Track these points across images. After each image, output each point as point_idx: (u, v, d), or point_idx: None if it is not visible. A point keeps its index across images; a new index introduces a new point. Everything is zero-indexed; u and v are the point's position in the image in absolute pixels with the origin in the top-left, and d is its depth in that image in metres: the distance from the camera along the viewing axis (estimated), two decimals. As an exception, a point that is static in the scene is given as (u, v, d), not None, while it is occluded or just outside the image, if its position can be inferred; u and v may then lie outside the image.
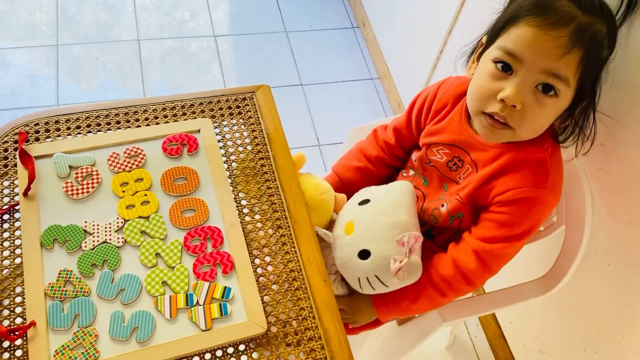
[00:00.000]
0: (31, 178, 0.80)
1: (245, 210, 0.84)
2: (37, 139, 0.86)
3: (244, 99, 0.96)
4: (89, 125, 0.89)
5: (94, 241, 0.77)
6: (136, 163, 0.85)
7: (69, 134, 0.88)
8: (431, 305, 0.91)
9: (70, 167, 0.83)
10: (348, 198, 0.96)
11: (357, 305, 0.93)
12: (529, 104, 0.75)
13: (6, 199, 0.81)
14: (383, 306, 0.91)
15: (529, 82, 0.74)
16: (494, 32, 0.80)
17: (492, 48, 0.79)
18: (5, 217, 0.79)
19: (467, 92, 0.85)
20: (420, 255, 0.84)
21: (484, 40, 0.84)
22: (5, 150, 0.85)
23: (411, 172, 0.98)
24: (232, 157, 0.89)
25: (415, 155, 0.97)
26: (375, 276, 0.85)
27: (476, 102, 0.81)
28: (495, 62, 0.77)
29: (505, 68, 0.76)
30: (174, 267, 0.77)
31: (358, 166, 1.03)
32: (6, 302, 0.72)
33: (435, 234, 0.96)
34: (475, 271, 0.85)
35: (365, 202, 0.90)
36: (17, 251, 0.76)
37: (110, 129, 0.89)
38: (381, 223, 0.86)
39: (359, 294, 0.92)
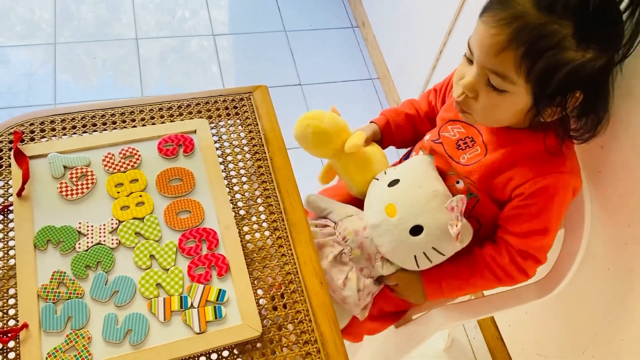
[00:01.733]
0: (25, 178, 0.79)
1: (242, 212, 0.83)
2: (32, 139, 0.86)
3: (241, 99, 0.95)
4: (84, 125, 0.88)
5: (88, 242, 0.77)
6: (131, 164, 0.84)
7: (64, 134, 0.87)
8: (483, 287, 0.91)
9: (65, 167, 0.83)
10: (385, 145, 1.01)
11: (409, 281, 0.92)
12: (481, 94, 0.78)
13: (0, 200, 0.80)
14: (435, 282, 0.90)
15: (480, 75, 0.77)
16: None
17: None
18: (-1, 217, 0.78)
19: None
20: (469, 225, 0.86)
21: None
22: (0, 149, 0.84)
23: (420, 153, 0.98)
24: (229, 158, 0.88)
25: (428, 135, 0.97)
26: (432, 248, 0.84)
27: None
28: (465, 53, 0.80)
29: (470, 60, 0.79)
30: (168, 269, 0.76)
31: (408, 113, 1.04)
32: (-1, 303, 0.72)
33: None
34: (525, 263, 0.87)
35: (394, 182, 0.88)
36: (11, 252, 0.75)
37: (106, 129, 0.88)
38: (421, 196, 0.85)
39: (409, 271, 0.91)
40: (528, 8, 0.70)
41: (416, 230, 0.84)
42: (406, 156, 1.03)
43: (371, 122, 1.04)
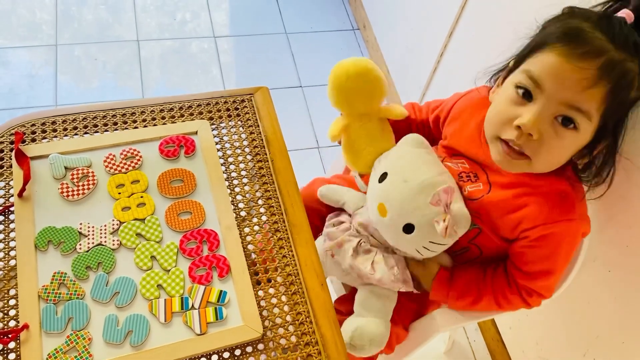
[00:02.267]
0: (26, 179, 0.79)
1: (243, 214, 0.83)
2: (33, 140, 0.86)
3: (243, 100, 0.95)
4: (85, 126, 0.88)
5: (88, 243, 0.77)
6: (132, 165, 0.84)
7: (66, 135, 0.87)
8: (484, 311, 0.91)
9: (66, 168, 0.83)
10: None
11: (428, 270, 0.91)
12: (546, 134, 0.73)
13: (1, 200, 0.80)
14: (441, 295, 0.90)
15: (548, 111, 0.72)
16: (521, 57, 0.77)
17: (516, 72, 0.77)
18: (0, 218, 0.78)
19: (485, 116, 0.83)
20: (462, 201, 0.81)
21: (511, 64, 0.81)
22: (1, 150, 0.84)
23: (409, 136, 0.96)
24: (230, 160, 0.88)
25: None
26: (430, 241, 0.82)
27: (493, 126, 0.79)
28: (517, 87, 0.75)
29: (527, 95, 0.74)
30: (169, 270, 0.76)
31: (408, 115, 1.00)
32: (0, 304, 0.72)
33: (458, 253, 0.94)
34: (530, 299, 0.87)
35: (383, 176, 0.85)
36: (12, 253, 0.75)
37: (107, 130, 0.88)
38: (407, 193, 0.81)
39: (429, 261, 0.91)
40: (606, 43, 0.68)
41: (408, 228, 0.82)
42: None
43: None
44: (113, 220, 0.79)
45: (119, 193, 0.82)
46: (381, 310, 0.89)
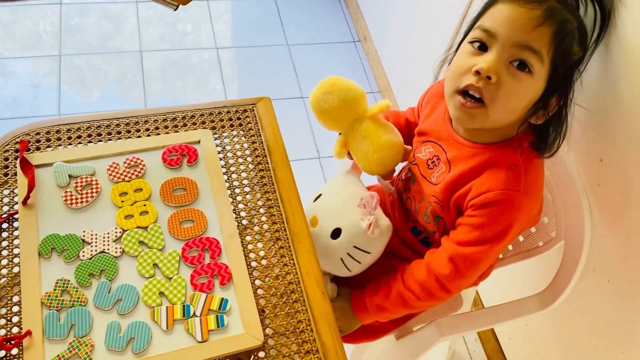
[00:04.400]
0: (31, 187, 0.80)
1: (244, 222, 0.84)
2: (38, 148, 0.87)
3: (245, 110, 0.97)
4: (89, 135, 0.89)
5: (91, 251, 0.77)
6: (136, 173, 0.85)
7: (70, 144, 0.88)
8: (405, 306, 0.89)
9: (70, 176, 0.83)
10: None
11: (340, 310, 0.93)
12: (504, 77, 0.76)
13: (6, 208, 0.81)
14: (360, 303, 0.92)
15: (504, 55, 0.76)
16: (474, 20, 0.82)
17: (471, 32, 0.81)
18: (5, 225, 0.79)
19: None
20: (385, 218, 0.88)
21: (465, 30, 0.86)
22: (6, 159, 0.85)
23: (341, 171, 1.00)
24: (232, 169, 0.89)
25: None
26: (354, 247, 0.87)
27: (451, 80, 0.82)
28: (472, 42, 0.79)
29: (482, 47, 0.78)
30: (171, 278, 0.76)
31: (408, 119, 1.05)
32: (3, 310, 0.72)
33: (432, 242, 0.96)
34: (447, 276, 0.84)
35: (318, 197, 0.94)
36: (15, 260, 0.76)
37: (111, 139, 0.89)
38: (339, 201, 0.90)
39: (339, 300, 0.94)
40: None
41: (336, 233, 0.88)
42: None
43: None
44: (116, 228, 0.80)
45: (122, 201, 0.82)
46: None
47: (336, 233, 0.88)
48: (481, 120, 0.80)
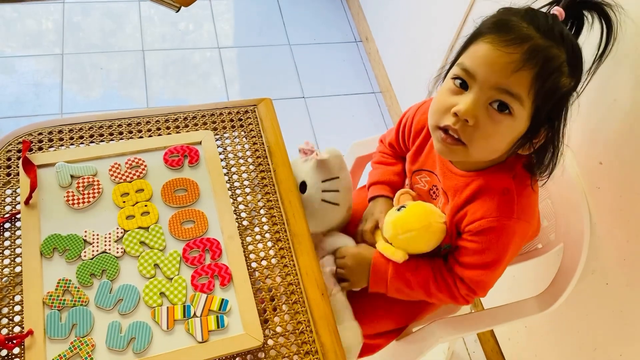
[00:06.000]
0: (33, 187, 0.81)
1: (245, 223, 0.84)
2: (40, 148, 0.87)
3: (246, 111, 0.97)
4: (91, 136, 0.90)
5: (93, 251, 0.78)
6: (137, 174, 0.86)
7: (72, 144, 0.89)
8: (424, 288, 0.90)
9: (72, 176, 0.84)
10: None
11: (357, 259, 0.92)
12: (482, 120, 0.75)
13: (8, 208, 0.81)
14: (383, 265, 0.91)
15: (483, 97, 0.74)
16: (459, 53, 0.81)
17: (454, 67, 0.80)
18: (7, 225, 0.79)
19: None
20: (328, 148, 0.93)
21: (451, 61, 0.84)
22: (9, 159, 0.86)
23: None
24: (233, 170, 0.90)
25: (406, 182, 0.99)
26: (322, 191, 0.91)
27: (432, 116, 0.82)
28: (454, 78, 0.78)
29: (463, 85, 0.77)
30: (172, 279, 0.77)
31: (395, 170, 1.03)
32: (5, 310, 0.73)
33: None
34: (462, 291, 0.88)
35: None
36: (17, 259, 0.77)
37: (113, 140, 0.90)
38: (298, 161, 0.96)
39: (362, 247, 0.94)
40: (532, 31, 0.72)
41: (302, 187, 0.93)
42: None
43: (375, 197, 1.01)
44: (117, 228, 0.80)
45: (124, 202, 0.83)
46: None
47: (303, 187, 0.93)
48: (462, 156, 0.80)
